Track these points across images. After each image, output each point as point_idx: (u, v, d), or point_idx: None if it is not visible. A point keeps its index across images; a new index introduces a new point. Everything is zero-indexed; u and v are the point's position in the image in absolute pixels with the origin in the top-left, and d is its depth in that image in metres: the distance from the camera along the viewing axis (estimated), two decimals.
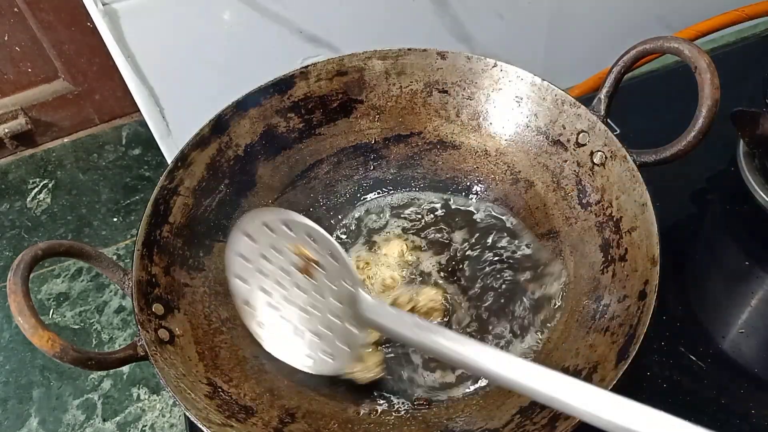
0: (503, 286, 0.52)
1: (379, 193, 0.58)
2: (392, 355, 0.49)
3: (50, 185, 0.92)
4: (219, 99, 0.53)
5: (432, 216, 0.56)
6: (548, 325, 0.49)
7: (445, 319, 0.50)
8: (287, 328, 0.45)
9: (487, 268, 0.52)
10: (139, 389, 0.71)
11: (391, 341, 0.49)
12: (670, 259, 0.55)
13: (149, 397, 0.70)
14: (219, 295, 0.50)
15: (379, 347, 0.49)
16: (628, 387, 0.49)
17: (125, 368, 0.72)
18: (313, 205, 0.57)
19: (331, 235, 0.55)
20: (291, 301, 0.44)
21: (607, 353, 0.42)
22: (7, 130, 0.89)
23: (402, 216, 0.57)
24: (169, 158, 0.76)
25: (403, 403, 0.47)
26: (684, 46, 0.45)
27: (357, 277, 0.41)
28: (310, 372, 0.45)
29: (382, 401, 0.47)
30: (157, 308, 0.45)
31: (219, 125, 0.52)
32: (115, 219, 0.88)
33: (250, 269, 0.44)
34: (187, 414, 0.40)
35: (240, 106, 0.53)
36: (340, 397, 0.48)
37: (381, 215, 0.57)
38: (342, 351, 0.43)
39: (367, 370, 0.47)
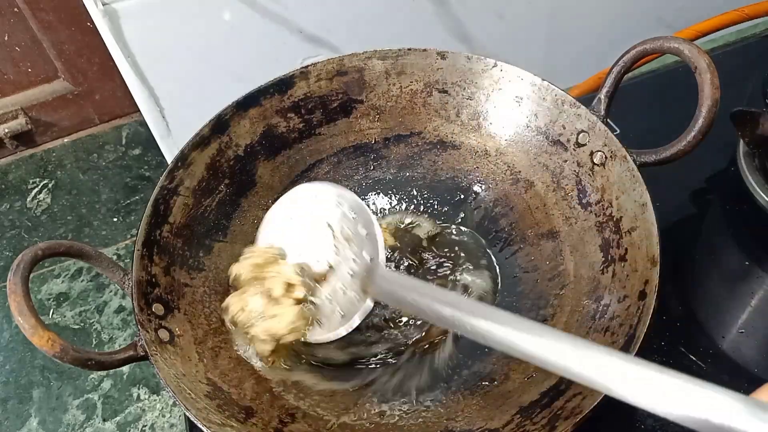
0: None
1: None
2: (393, 359, 0.49)
3: (50, 185, 0.92)
4: (219, 99, 0.53)
5: None
6: None
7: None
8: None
9: None
10: (139, 389, 0.71)
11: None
12: (670, 259, 0.55)
13: (149, 397, 0.70)
14: (219, 294, 0.50)
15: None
16: None
17: (125, 368, 0.72)
18: None
19: None
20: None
21: None
22: (7, 130, 0.89)
23: None
24: (169, 158, 0.76)
25: (402, 403, 0.47)
26: (684, 46, 0.45)
27: (381, 251, 0.44)
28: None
29: (382, 401, 0.47)
30: (157, 308, 0.45)
31: (219, 125, 0.52)
32: (115, 219, 0.88)
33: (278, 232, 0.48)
34: (187, 414, 0.40)
35: (240, 106, 0.53)
36: (340, 397, 0.48)
37: None
38: (336, 318, 0.45)
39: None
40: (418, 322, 0.50)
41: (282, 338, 0.45)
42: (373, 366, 0.49)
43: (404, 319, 0.50)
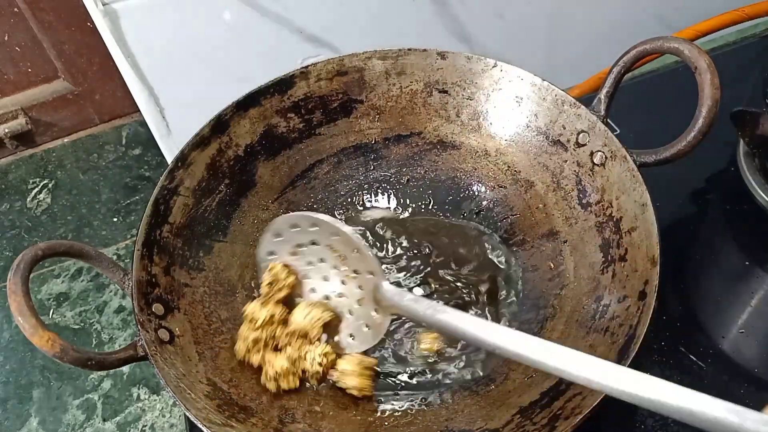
0: None
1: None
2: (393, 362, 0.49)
3: (50, 185, 0.92)
4: (219, 99, 0.53)
5: None
6: None
7: None
8: None
9: None
10: (139, 389, 0.71)
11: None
12: (670, 259, 0.55)
13: (149, 397, 0.70)
14: (219, 295, 0.50)
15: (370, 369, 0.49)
16: None
17: (125, 368, 0.71)
18: (314, 205, 0.58)
19: None
20: (318, 291, 0.49)
21: (607, 353, 0.42)
22: (7, 130, 0.89)
23: None
24: (169, 158, 0.76)
25: (403, 403, 0.47)
26: (684, 46, 0.45)
27: (379, 269, 0.45)
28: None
29: (382, 402, 0.47)
30: (157, 308, 0.45)
31: (219, 125, 0.52)
32: (115, 219, 0.88)
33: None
34: (187, 414, 0.40)
35: (240, 106, 0.53)
36: (340, 397, 0.48)
37: None
38: (363, 332, 0.48)
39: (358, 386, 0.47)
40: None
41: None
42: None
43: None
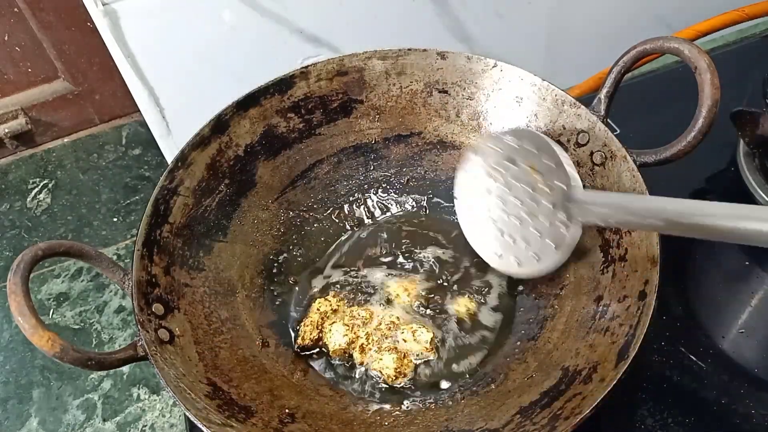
0: None
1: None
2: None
3: (50, 185, 0.92)
4: (219, 99, 0.53)
5: None
6: None
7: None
8: (502, 237, 0.49)
9: None
10: (139, 389, 0.71)
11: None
12: (670, 259, 0.55)
13: (149, 397, 0.70)
14: (219, 295, 0.50)
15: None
16: (629, 387, 0.49)
17: (125, 368, 0.71)
18: (314, 205, 0.58)
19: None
20: (508, 212, 0.49)
21: (607, 353, 0.42)
22: (7, 130, 0.89)
23: None
24: (169, 158, 0.76)
25: (402, 402, 0.47)
26: (684, 46, 0.45)
27: (573, 176, 0.44)
28: (519, 274, 0.49)
29: (382, 401, 0.47)
30: (157, 308, 0.45)
31: (219, 125, 0.52)
32: (115, 219, 0.88)
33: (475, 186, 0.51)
34: (187, 414, 0.40)
35: (240, 106, 0.53)
36: (340, 397, 0.48)
37: None
38: (549, 250, 0.46)
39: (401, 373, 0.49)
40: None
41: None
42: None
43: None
